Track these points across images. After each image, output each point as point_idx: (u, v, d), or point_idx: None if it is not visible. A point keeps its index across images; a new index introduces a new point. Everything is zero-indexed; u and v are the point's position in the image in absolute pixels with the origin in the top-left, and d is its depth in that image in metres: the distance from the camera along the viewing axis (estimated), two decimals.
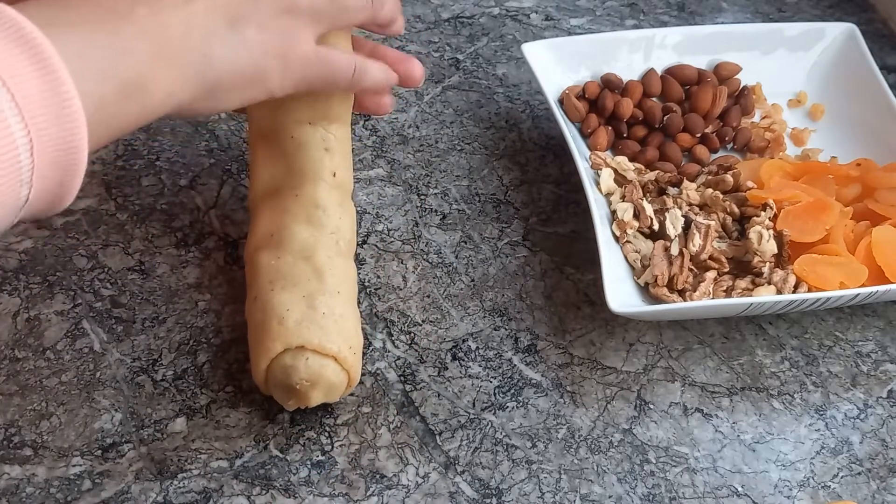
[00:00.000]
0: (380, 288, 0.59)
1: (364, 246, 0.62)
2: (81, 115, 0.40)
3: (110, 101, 0.42)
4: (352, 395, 0.54)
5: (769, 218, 0.59)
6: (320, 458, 0.52)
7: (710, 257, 0.58)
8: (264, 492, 0.50)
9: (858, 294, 0.56)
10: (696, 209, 0.61)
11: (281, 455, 0.52)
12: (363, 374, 0.55)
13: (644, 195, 0.62)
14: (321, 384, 0.50)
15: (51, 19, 0.41)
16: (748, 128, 0.68)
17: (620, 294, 0.56)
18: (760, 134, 0.68)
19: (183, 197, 0.63)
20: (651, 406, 0.55)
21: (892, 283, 0.57)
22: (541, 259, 0.62)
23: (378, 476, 0.51)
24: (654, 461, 0.53)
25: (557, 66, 0.68)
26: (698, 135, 0.67)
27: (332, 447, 0.52)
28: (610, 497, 0.51)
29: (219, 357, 0.55)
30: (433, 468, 0.52)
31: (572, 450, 0.53)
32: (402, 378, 0.55)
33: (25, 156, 0.38)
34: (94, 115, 0.41)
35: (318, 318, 0.51)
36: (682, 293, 0.57)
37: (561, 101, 0.67)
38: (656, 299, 0.57)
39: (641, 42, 0.69)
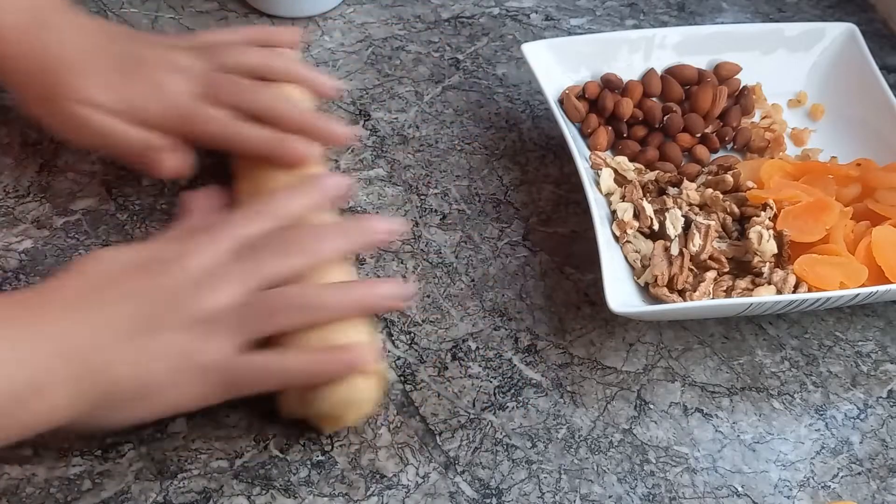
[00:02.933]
0: None
1: None
2: None
3: (2, 407, 0.41)
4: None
5: (769, 218, 0.59)
6: (320, 458, 0.52)
7: (710, 257, 0.58)
8: (264, 492, 0.50)
9: (858, 294, 0.56)
10: (696, 209, 0.61)
11: (281, 455, 0.52)
12: None
13: (644, 195, 0.62)
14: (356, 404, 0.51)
15: None
16: (748, 128, 0.68)
17: (620, 294, 0.56)
18: (760, 134, 0.68)
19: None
20: (651, 406, 0.55)
21: (892, 283, 0.57)
22: (541, 259, 0.62)
23: (378, 476, 0.51)
24: (654, 461, 0.53)
25: (557, 66, 0.68)
26: (698, 135, 0.67)
27: (332, 447, 0.52)
28: (610, 497, 0.52)
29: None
30: (433, 468, 0.52)
31: (572, 450, 0.53)
32: (402, 378, 0.55)
33: None
34: None
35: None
36: (682, 293, 0.57)
37: (561, 101, 0.67)
38: (656, 299, 0.57)
39: (641, 42, 0.69)
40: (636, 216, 0.60)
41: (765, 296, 0.56)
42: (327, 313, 0.49)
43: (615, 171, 0.63)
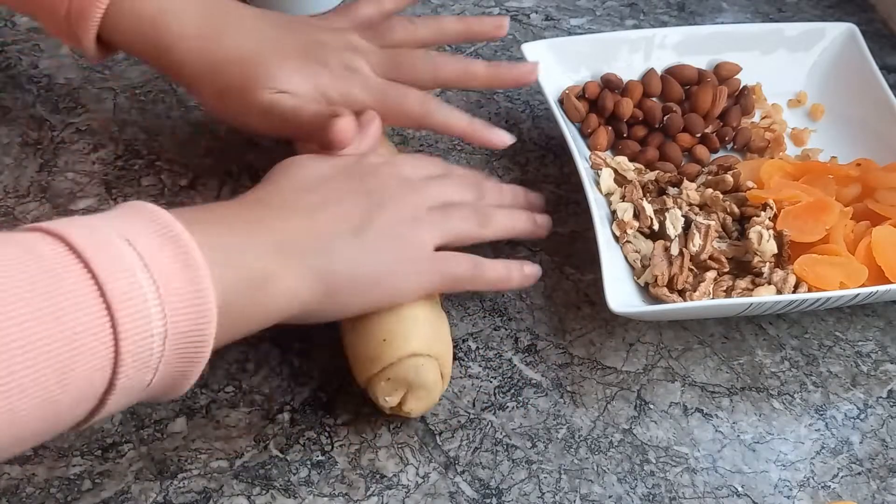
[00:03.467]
0: None
1: None
2: (213, 310, 0.42)
3: (239, 294, 0.44)
4: (352, 395, 0.54)
5: (769, 218, 0.59)
6: (320, 458, 0.52)
7: (710, 257, 0.58)
8: (264, 492, 0.50)
9: (858, 294, 0.56)
10: (696, 209, 0.61)
11: (281, 455, 0.52)
12: None
13: (644, 195, 0.62)
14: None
15: (195, 219, 0.43)
16: (748, 128, 0.68)
17: (620, 294, 0.56)
18: (760, 134, 0.68)
19: (183, 197, 0.63)
20: (651, 406, 0.55)
21: (892, 283, 0.57)
22: (541, 259, 0.62)
23: (378, 476, 0.51)
24: (654, 461, 0.53)
25: (557, 66, 0.68)
26: (698, 135, 0.67)
27: (332, 447, 0.52)
28: (610, 497, 0.52)
29: (219, 357, 0.55)
30: (433, 468, 0.52)
31: (572, 450, 0.53)
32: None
33: (158, 344, 0.40)
34: (224, 309, 0.43)
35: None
36: (682, 293, 0.57)
37: (561, 101, 0.67)
38: (656, 299, 0.57)
39: (641, 42, 0.69)
40: (636, 216, 0.60)
41: (765, 296, 0.56)
42: (496, 227, 0.56)
43: (615, 171, 0.63)
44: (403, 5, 0.65)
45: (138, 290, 0.39)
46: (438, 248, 0.53)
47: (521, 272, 0.56)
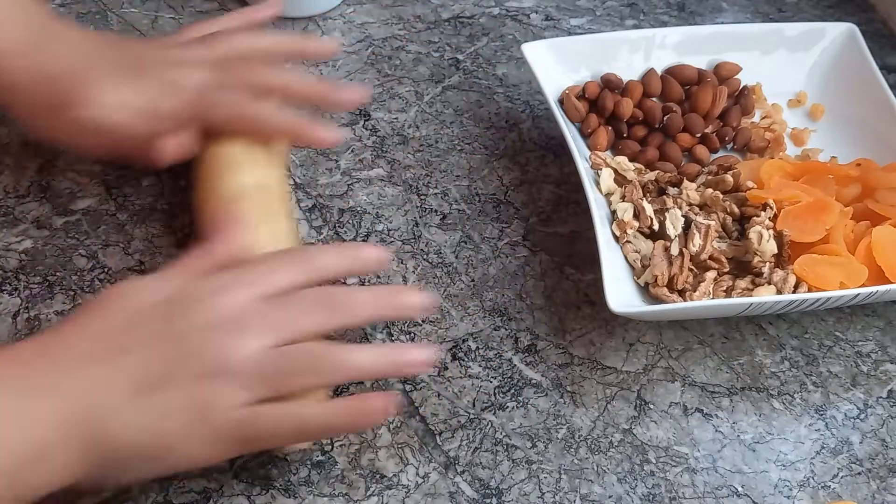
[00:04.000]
0: None
1: None
2: None
3: (7, 476, 0.40)
4: (352, 395, 0.54)
5: (769, 218, 0.59)
6: (320, 458, 0.52)
7: (710, 257, 0.58)
8: (264, 492, 0.50)
9: (858, 294, 0.56)
10: (696, 209, 0.61)
11: (281, 455, 0.52)
12: None
13: (644, 195, 0.62)
14: None
15: None
16: (748, 128, 0.68)
17: (620, 294, 0.56)
18: (760, 134, 0.68)
19: (183, 197, 0.63)
20: (651, 406, 0.55)
21: (892, 283, 0.57)
22: (541, 259, 0.62)
23: (378, 476, 0.51)
24: (654, 461, 0.53)
25: (557, 66, 0.68)
26: (698, 135, 0.67)
27: (332, 447, 0.52)
28: (610, 497, 0.52)
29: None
30: (433, 468, 0.52)
31: (572, 450, 0.53)
32: (402, 378, 0.55)
33: None
34: None
35: None
36: (682, 293, 0.57)
37: (561, 101, 0.67)
38: (656, 299, 0.57)
39: (641, 42, 0.69)
40: (636, 216, 0.60)
41: (765, 296, 0.56)
42: (359, 375, 0.49)
43: (615, 171, 0.63)
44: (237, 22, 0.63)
45: None
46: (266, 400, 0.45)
47: (370, 417, 0.48)
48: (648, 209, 0.60)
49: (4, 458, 0.40)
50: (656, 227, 0.60)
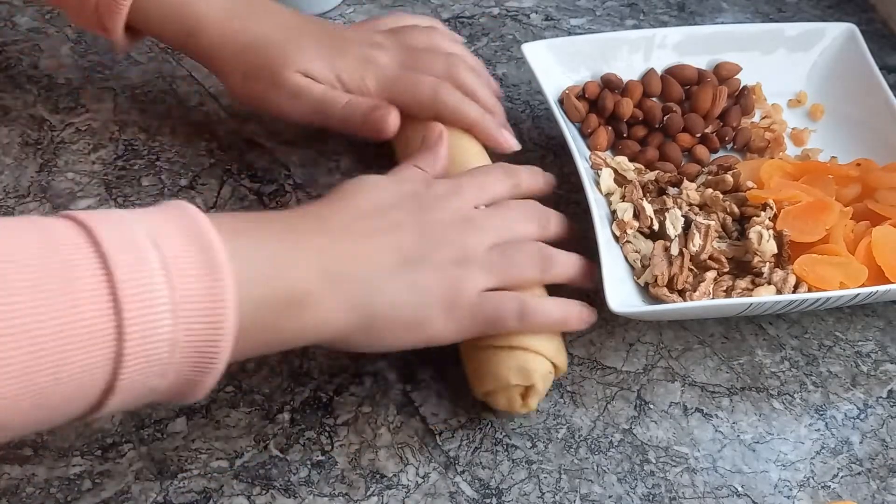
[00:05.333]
0: None
1: None
2: (230, 325, 0.40)
3: (269, 311, 0.44)
4: (352, 395, 0.54)
5: (769, 218, 0.59)
6: (320, 458, 0.52)
7: (710, 257, 0.58)
8: (264, 492, 0.50)
9: (858, 294, 0.56)
10: (696, 209, 0.61)
11: (281, 455, 0.52)
12: (363, 374, 0.55)
13: (644, 195, 0.62)
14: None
15: (237, 229, 0.44)
16: (748, 128, 0.68)
17: (620, 294, 0.56)
18: (760, 134, 0.68)
19: (183, 197, 0.63)
20: (651, 406, 0.55)
21: (892, 283, 0.57)
22: None
23: (378, 476, 0.51)
24: (654, 461, 0.53)
25: (557, 66, 0.68)
26: (698, 135, 0.67)
27: (332, 447, 0.52)
28: (610, 497, 0.52)
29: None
30: (433, 468, 0.52)
31: (572, 450, 0.53)
32: (402, 378, 0.55)
33: (165, 350, 0.39)
34: (248, 324, 0.42)
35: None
36: (682, 293, 0.57)
37: (561, 101, 0.67)
38: (656, 299, 0.57)
39: (641, 42, 0.69)
40: (636, 216, 0.60)
41: (765, 296, 0.56)
42: (566, 276, 0.54)
43: (615, 171, 0.63)
44: (428, 23, 0.67)
45: (150, 294, 0.38)
46: (493, 289, 0.51)
47: (578, 317, 0.53)
48: (648, 209, 0.60)
49: (263, 291, 0.43)
50: (656, 227, 0.60)
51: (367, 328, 0.48)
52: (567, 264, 0.54)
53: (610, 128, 0.67)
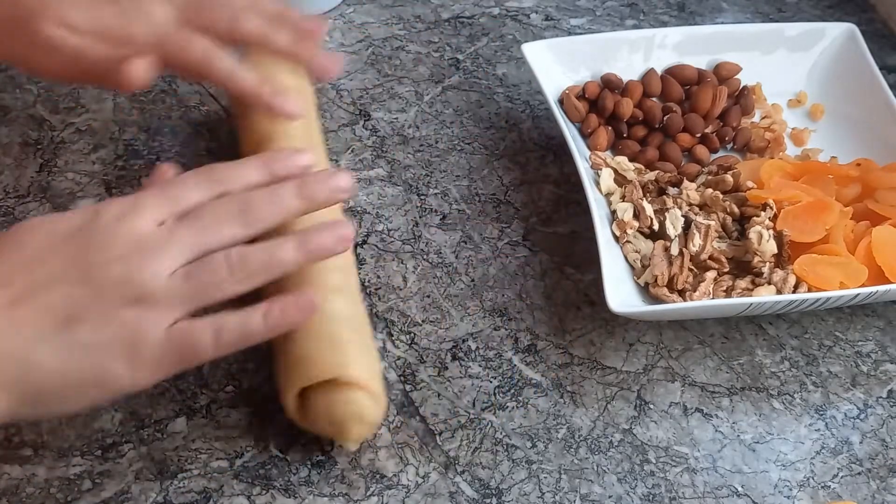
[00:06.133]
0: (380, 288, 0.59)
1: (364, 246, 0.62)
2: None
3: None
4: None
5: (769, 218, 0.59)
6: (320, 458, 0.52)
7: (710, 257, 0.58)
8: (264, 492, 0.50)
9: (858, 294, 0.56)
10: (696, 209, 0.61)
11: (281, 455, 0.52)
12: None
13: (644, 195, 0.62)
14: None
15: None
16: (748, 128, 0.68)
17: (620, 294, 0.56)
18: (760, 134, 0.68)
19: None
20: (651, 406, 0.55)
21: (892, 283, 0.57)
22: (541, 259, 0.62)
23: (378, 476, 0.51)
24: (654, 461, 0.53)
25: (557, 66, 0.68)
26: (698, 135, 0.67)
27: (332, 447, 0.52)
28: (610, 497, 0.52)
29: (219, 357, 0.55)
30: (433, 468, 0.52)
31: (572, 450, 0.53)
32: (402, 378, 0.55)
33: None
34: None
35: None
36: (682, 293, 0.57)
37: (561, 101, 0.67)
38: (656, 299, 0.57)
39: (641, 42, 0.69)
40: (636, 216, 0.60)
41: (765, 296, 0.56)
42: (283, 270, 0.47)
43: (615, 171, 0.63)
44: None
45: None
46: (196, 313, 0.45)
47: (266, 320, 0.47)
48: (648, 209, 0.60)
49: None
50: (656, 227, 0.60)
51: (35, 403, 0.43)
52: (271, 261, 0.47)
53: (610, 128, 0.67)
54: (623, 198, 0.62)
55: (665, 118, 0.67)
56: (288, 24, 0.58)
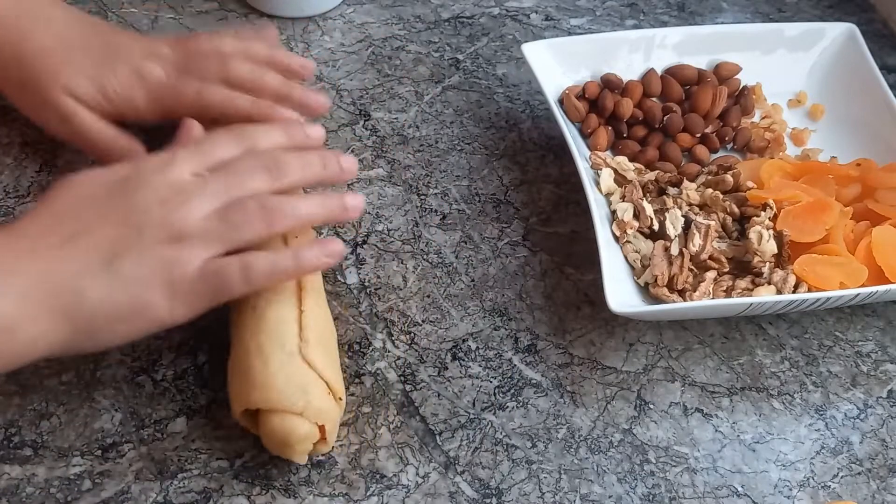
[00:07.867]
0: (380, 288, 0.59)
1: (364, 246, 0.62)
2: None
3: None
4: (352, 395, 0.54)
5: (769, 218, 0.59)
6: (320, 458, 0.52)
7: (710, 257, 0.58)
8: (264, 492, 0.50)
9: (858, 294, 0.56)
10: (696, 209, 0.61)
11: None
12: (363, 374, 0.55)
13: (644, 195, 0.62)
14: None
15: None
16: (748, 128, 0.68)
17: (620, 294, 0.56)
18: (760, 134, 0.68)
19: None
20: (651, 406, 0.55)
21: (892, 283, 0.57)
22: (541, 259, 0.62)
23: (378, 476, 0.51)
24: (654, 461, 0.53)
25: (557, 66, 0.68)
26: (698, 135, 0.67)
27: (332, 447, 0.52)
28: (610, 497, 0.52)
29: (219, 357, 0.55)
30: (433, 468, 0.52)
31: (572, 450, 0.53)
32: (402, 378, 0.55)
33: None
34: None
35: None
36: (682, 293, 0.57)
37: (561, 101, 0.67)
38: (656, 299, 0.57)
39: (641, 42, 0.69)
40: (636, 216, 0.60)
41: (765, 296, 0.56)
42: (299, 221, 0.51)
43: (615, 171, 0.63)
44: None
45: None
46: (228, 253, 0.49)
47: (295, 259, 0.50)
48: (648, 209, 0.60)
49: None
50: (656, 227, 0.60)
51: (86, 332, 0.47)
52: (295, 209, 0.51)
53: (610, 128, 0.67)
54: (623, 198, 0.62)
55: (665, 118, 0.67)
56: (277, 66, 0.61)
